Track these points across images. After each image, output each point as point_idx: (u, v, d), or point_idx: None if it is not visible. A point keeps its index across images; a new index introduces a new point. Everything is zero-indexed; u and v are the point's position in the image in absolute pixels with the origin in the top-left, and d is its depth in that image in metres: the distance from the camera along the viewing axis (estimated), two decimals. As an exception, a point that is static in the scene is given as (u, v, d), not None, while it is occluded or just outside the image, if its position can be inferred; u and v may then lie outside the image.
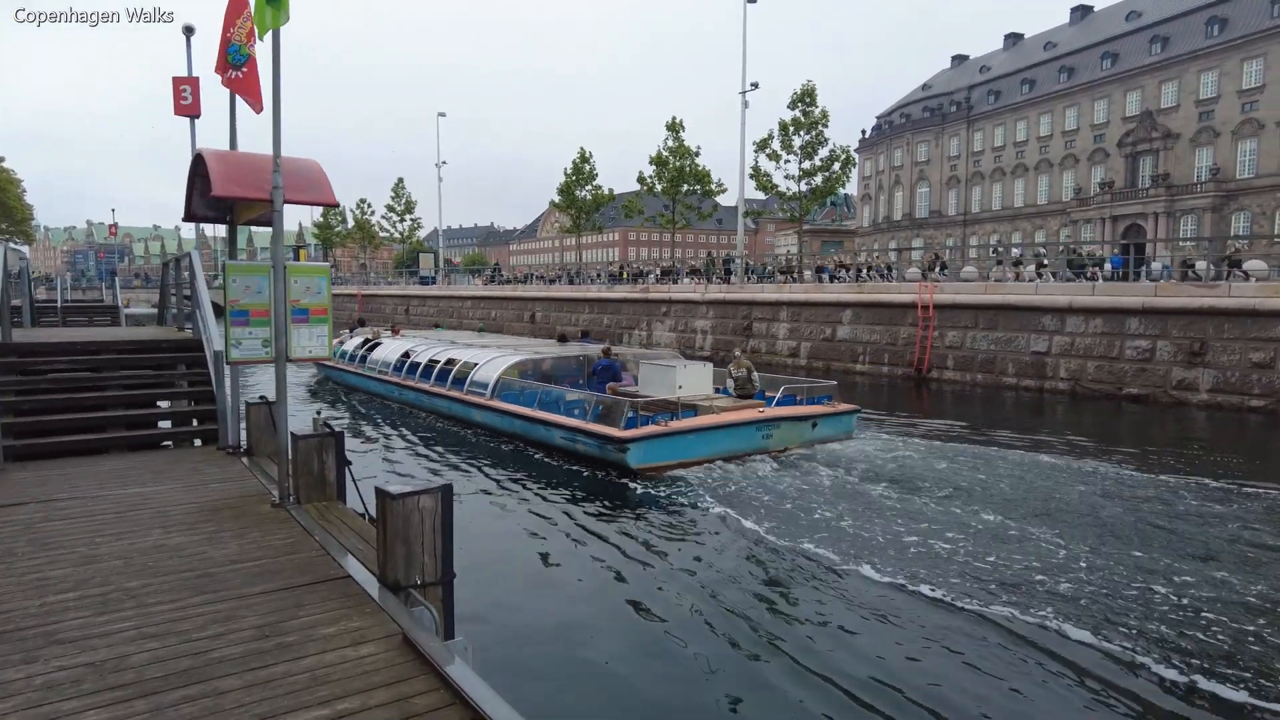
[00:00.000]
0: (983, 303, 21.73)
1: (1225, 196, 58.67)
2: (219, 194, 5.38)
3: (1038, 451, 13.09)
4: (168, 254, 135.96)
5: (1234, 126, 58.26)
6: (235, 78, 6.74)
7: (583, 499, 10.17)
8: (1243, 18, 58.29)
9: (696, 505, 9.66)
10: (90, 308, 22.47)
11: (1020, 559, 7.68)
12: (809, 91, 30.26)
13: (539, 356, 15.49)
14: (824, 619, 6.45)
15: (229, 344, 5.56)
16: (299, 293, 5.77)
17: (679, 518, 9.28)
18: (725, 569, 7.58)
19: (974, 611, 6.47)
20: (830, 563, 7.58)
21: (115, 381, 8.40)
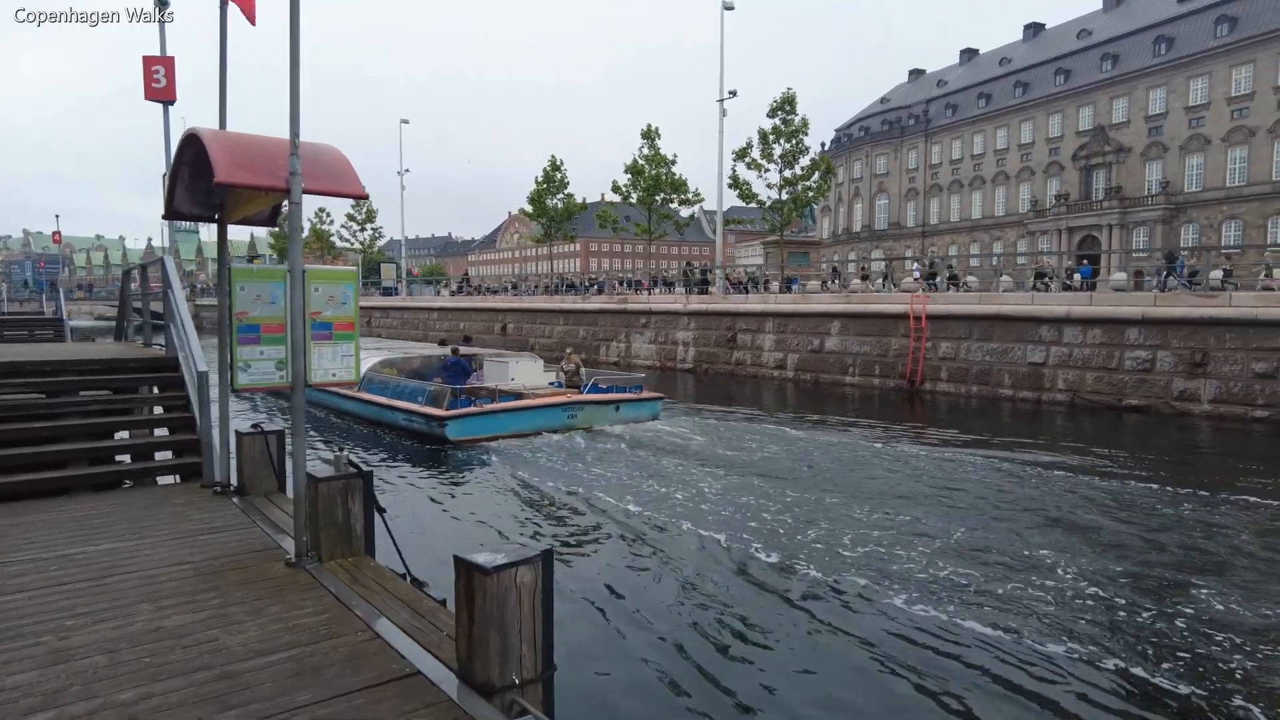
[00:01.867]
0: (977, 313, 21.33)
1: (1175, 209, 60.26)
2: (224, 181, 4.32)
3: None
4: (125, 263, 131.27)
5: (1181, 142, 59.93)
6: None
7: (414, 464, 12.82)
8: (1189, 37, 60.10)
9: (493, 465, 12.45)
10: (30, 320, 20.53)
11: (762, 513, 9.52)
12: (789, 99, 29.80)
13: (407, 356, 18.39)
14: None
15: (235, 367, 4.47)
16: (320, 303, 4.71)
17: (482, 474, 12.06)
18: (503, 507, 10.14)
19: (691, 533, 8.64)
20: (574, 500, 10.25)
21: (75, 408, 7.16)
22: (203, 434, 6.64)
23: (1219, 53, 57.47)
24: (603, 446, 13.67)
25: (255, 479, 6.37)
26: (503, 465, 12.42)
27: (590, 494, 10.54)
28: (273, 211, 6.28)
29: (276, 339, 4.56)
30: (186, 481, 6.87)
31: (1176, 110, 60.07)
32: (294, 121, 4.58)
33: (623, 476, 11.51)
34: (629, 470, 11.97)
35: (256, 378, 4.51)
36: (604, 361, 30.87)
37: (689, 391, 24.65)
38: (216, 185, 4.35)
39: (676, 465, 12.40)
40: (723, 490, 10.79)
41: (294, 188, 4.54)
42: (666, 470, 12.00)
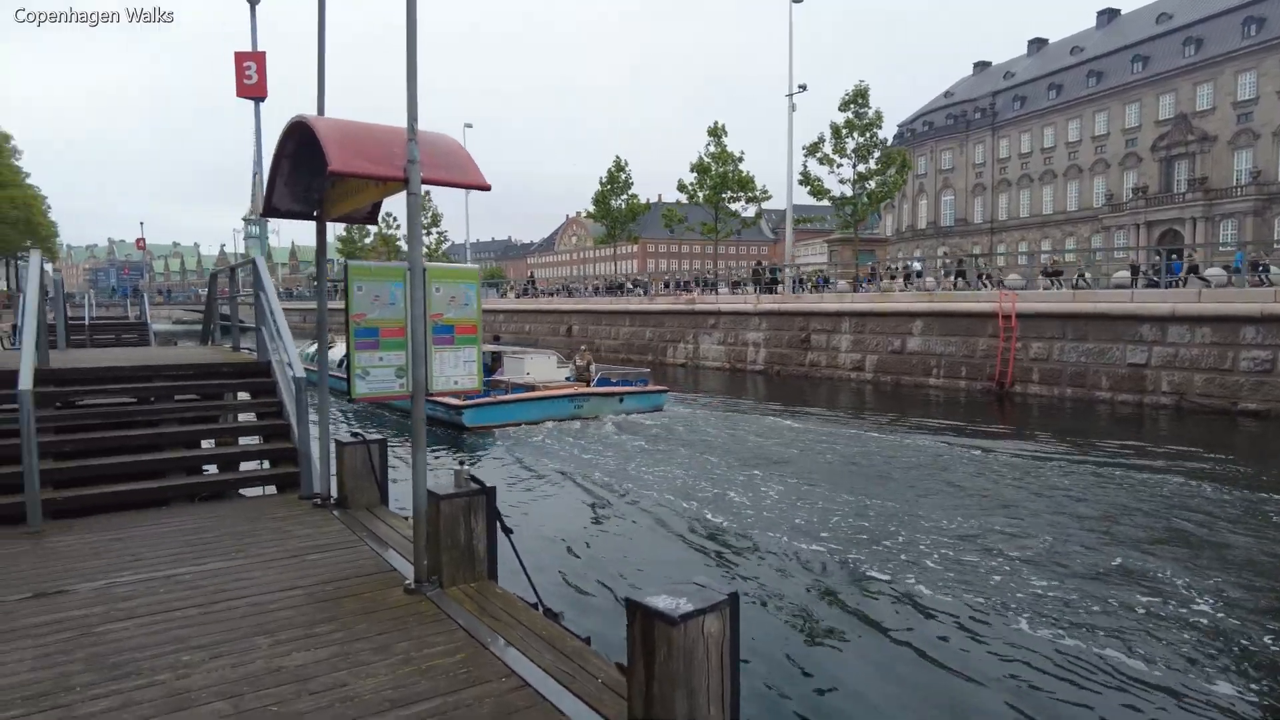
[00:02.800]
0: (1072, 311, 20.15)
1: (1268, 200, 56.94)
2: (338, 170, 3.92)
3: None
4: (200, 269, 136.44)
5: (1275, 128, 56.60)
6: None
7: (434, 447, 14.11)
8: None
9: (504, 447, 14.11)
10: (117, 325, 21.24)
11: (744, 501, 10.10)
12: (862, 92, 28.83)
13: None
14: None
15: (354, 374, 4.06)
16: (441, 304, 4.29)
17: (496, 453, 13.71)
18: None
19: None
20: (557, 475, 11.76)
21: (170, 414, 6.94)
22: (300, 443, 6.32)
23: (1316, 33, 54.20)
24: (594, 430, 15.67)
25: (356, 491, 6.01)
26: (540, 459, 13.20)
27: (648, 490, 10.85)
28: (373, 208, 5.91)
29: (396, 343, 4.15)
30: (283, 492, 6.57)
31: (1269, 95, 56.77)
32: (411, 104, 4.16)
33: (679, 473, 11.95)
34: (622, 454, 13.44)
35: (376, 386, 4.11)
36: (670, 364, 30.38)
37: (760, 393, 23.97)
38: (331, 174, 3.95)
39: (770, 474, 11.93)
40: (807, 496, 10.44)
41: (413, 177, 4.12)
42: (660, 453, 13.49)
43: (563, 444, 14.35)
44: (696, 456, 13.25)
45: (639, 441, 14.64)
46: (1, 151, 43.99)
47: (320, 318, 5.97)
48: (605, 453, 13.62)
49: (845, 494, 10.51)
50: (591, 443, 14.53)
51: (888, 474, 12.07)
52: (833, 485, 11.05)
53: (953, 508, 9.91)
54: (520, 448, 14.07)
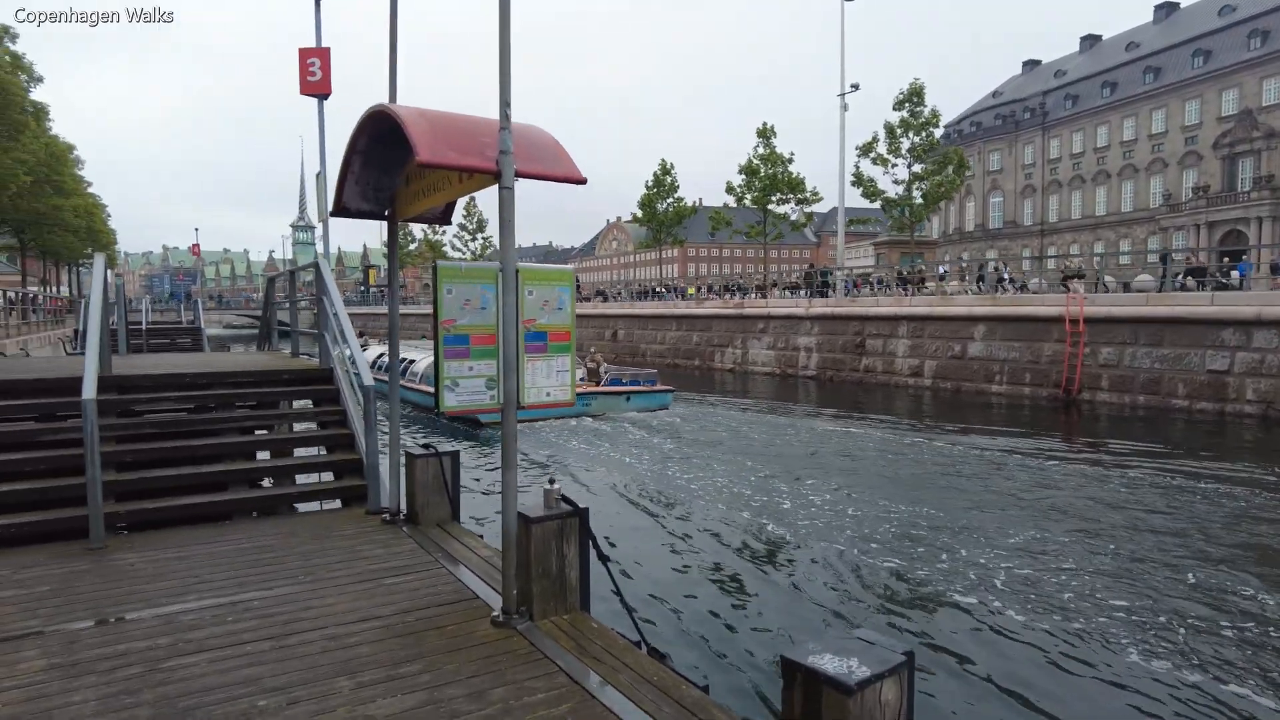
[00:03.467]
0: (1145, 315, 19.19)
1: (1339, 198, 54.51)
2: (427, 160, 3.55)
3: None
4: (250, 276, 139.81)
5: (1348, 123, 54.18)
6: None
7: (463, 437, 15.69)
8: (1354, 7, 54.35)
9: (529, 444, 14.59)
10: (171, 329, 21.61)
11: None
12: (917, 90, 28.01)
13: None
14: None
15: (442, 386, 3.68)
16: (534, 309, 3.89)
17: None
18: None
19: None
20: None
21: (230, 424, 6.67)
22: (368, 454, 5.99)
23: (1391, 23, 51.70)
24: (602, 426, 17.06)
25: (427, 507, 5.66)
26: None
27: (698, 500, 10.88)
28: (446, 207, 5.57)
29: (487, 352, 3.76)
30: (349, 507, 6.24)
31: (1342, 88, 54.38)
32: (504, 89, 3.78)
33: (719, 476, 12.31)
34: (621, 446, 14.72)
35: (465, 398, 3.72)
36: (718, 369, 29.85)
37: (812, 399, 23.33)
38: (420, 165, 3.58)
39: (825, 483, 11.79)
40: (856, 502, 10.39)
41: (505, 169, 3.73)
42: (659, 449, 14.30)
43: (594, 445, 15.05)
44: (738, 461, 13.42)
45: (676, 445, 15.01)
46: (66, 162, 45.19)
47: (392, 322, 5.64)
48: (642, 455, 13.97)
49: (911, 504, 10.26)
50: (631, 445, 15.04)
51: (951, 484, 11.83)
52: (902, 497, 10.80)
53: (1024, 521, 9.56)
54: (544, 448, 14.69)
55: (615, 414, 17.89)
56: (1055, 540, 8.73)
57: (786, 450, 14.59)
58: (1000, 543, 8.59)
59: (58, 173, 38.13)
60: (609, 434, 16.12)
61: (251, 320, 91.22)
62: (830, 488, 11.34)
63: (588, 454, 14.35)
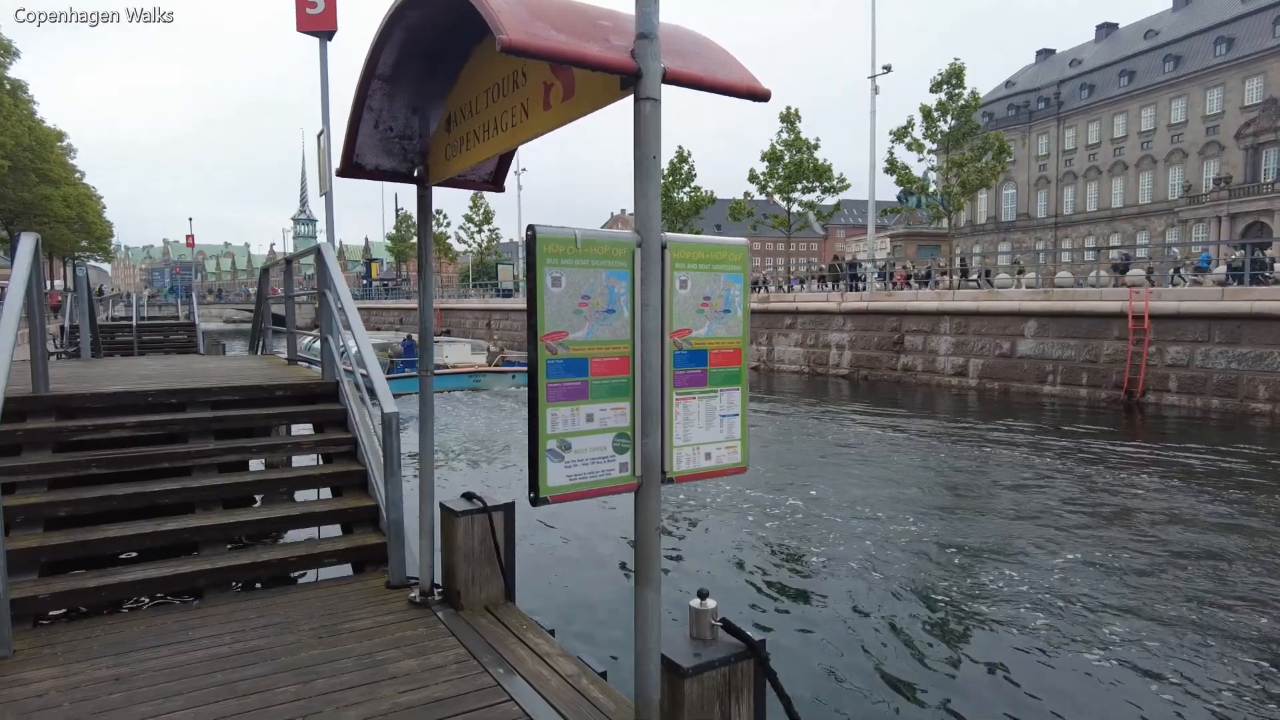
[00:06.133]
0: (1221, 311, 17.60)
1: (1369, 189, 52.95)
2: (516, 42, 1.97)
3: None
4: (250, 269, 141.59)
5: (1378, 111, 52.57)
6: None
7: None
8: (1385, -8, 52.69)
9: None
10: (165, 325, 20.61)
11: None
12: (956, 71, 26.36)
13: (397, 341, 24.61)
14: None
15: (543, 451, 2.08)
16: (688, 310, 2.30)
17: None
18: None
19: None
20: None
21: (209, 458, 5.08)
22: (389, 505, 4.40)
23: None
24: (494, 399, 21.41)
25: (473, 583, 4.08)
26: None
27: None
28: (499, 164, 4.00)
29: (616, 387, 2.17)
30: (363, 575, 4.65)
31: (1370, 76, 52.75)
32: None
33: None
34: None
35: (581, 471, 2.13)
36: (740, 367, 28.30)
37: (844, 399, 21.77)
38: (501, 48, 1.98)
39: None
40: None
41: (646, 65, 2.14)
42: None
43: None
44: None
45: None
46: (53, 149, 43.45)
47: (424, 322, 4.07)
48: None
49: (959, 520, 9.39)
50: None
51: (992, 493, 11.14)
52: (945, 510, 9.89)
53: (1083, 544, 8.56)
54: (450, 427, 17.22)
55: (501, 388, 22.33)
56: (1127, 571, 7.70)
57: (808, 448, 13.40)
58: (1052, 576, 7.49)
59: (44, 159, 36.39)
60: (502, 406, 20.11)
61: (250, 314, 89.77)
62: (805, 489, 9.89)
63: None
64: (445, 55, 3.38)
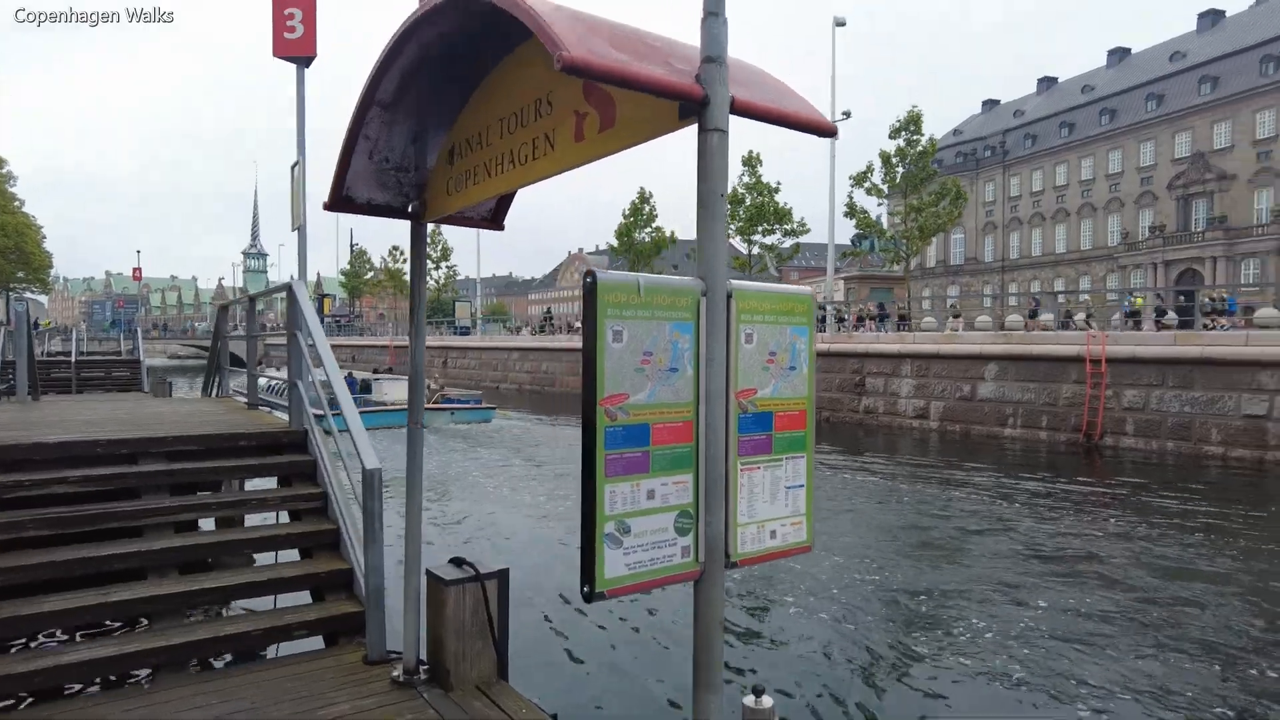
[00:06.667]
0: (1174, 356, 18.04)
1: (1291, 239, 55.72)
2: (575, 59, 1.71)
3: None
4: (197, 303, 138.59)
5: (1297, 166, 55.60)
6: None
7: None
8: (1300, 56, 56.13)
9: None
10: (107, 361, 19.43)
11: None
12: (915, 118, 27.07)
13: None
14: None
15: (600, 535, 1.76)
16: (753, 366, 2.03)
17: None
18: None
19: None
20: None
21: (164, 516, 4.59)
22: (368, 570, 3.99)
23: (1336, 72, 53.46)
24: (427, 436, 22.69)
25: (463, 657, 3.69)
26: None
27: None
28: (499, 203, 3.72)
29: (679, 457, 1.87)
30: (336, 648, 4.19)
31: (1291, 133, 55.86)
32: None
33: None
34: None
35: (641, 559, 1.82)
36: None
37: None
38: (562, 67, 1.72)
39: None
40: None
41: (714, 91, 1.90)
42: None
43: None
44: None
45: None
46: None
47: (414, 365, 3.73)
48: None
49: (905, 559, 9.43)
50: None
51: (954, 536, 11.04)
52: (894, 550, 9.86)
53: (1046, 588, 8.61)
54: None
55: (440, 425, 22.14)
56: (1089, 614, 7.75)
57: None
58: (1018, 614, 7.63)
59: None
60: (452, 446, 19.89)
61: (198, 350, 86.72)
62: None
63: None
64: (454, 81, 3.11)
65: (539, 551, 10.24)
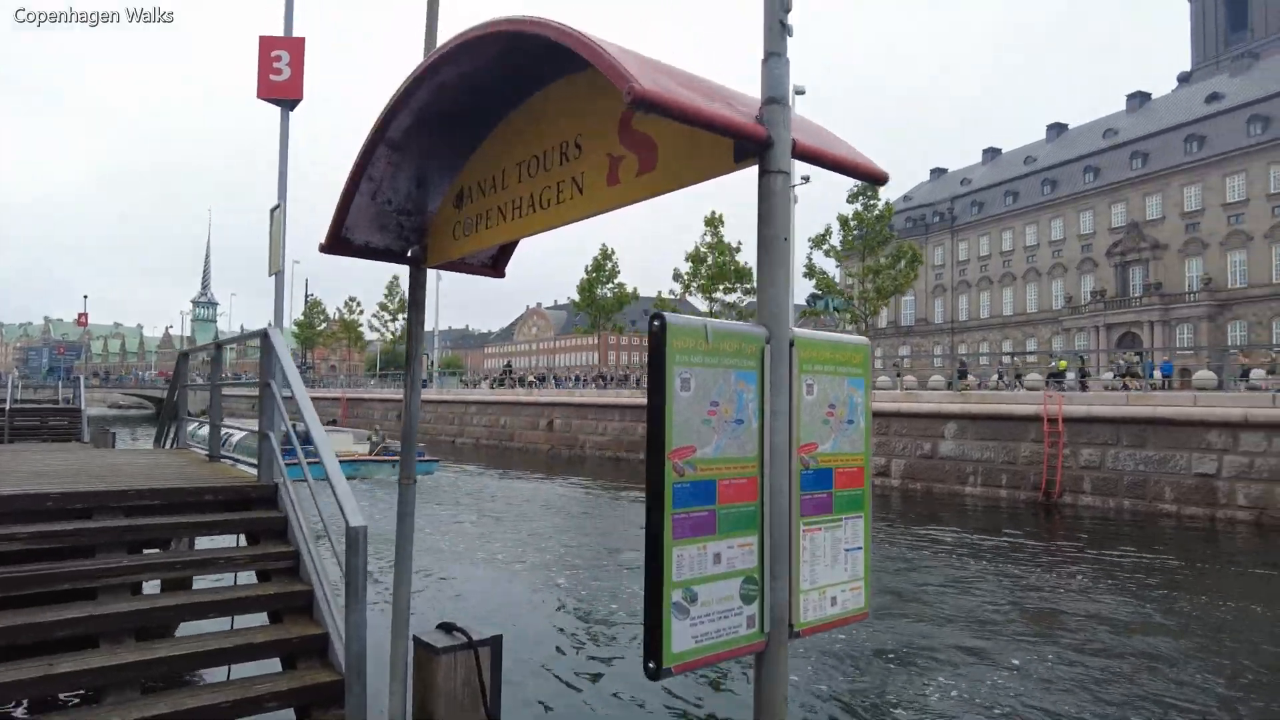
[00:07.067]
0: (1127, 415, 18.53)
1: (1219, 306, 58.52)
2: (647, 92, 1.62)
3: None
4: (142, 352, 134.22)
5: (1221, 238, 58.77)
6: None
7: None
8: (1221, 136, 59.84)
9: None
10: (43, 410, 18.24)
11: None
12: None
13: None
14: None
15: (667, 609, 1.60)
16: (814, 420, 1.91)
17: None
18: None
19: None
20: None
21: (120, 576, 4.23)
22: (350, 637, 3.69)
23: (1254, 151, 57.05)
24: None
25: (457, 737, 3.41)
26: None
27: None
28: (500, 250, 3.60)
29: (744, 518, 1.73)
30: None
31: (1214, 207, 59.16)
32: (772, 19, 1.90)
33: None
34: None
35: (708, 630, 1.65)
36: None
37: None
38: (632, 101, 1.62)
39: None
40: None
41: (777, 132, 1.82)
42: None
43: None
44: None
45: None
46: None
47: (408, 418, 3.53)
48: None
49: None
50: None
51: (917, 593, 10.98)
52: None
53: (1008, 644, 8.71)
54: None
55: (381, 477, 21.94)
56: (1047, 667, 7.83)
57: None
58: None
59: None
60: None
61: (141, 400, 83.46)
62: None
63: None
64: (468, 123, 3.01)
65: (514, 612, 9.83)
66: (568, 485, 23.31)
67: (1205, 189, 60.16)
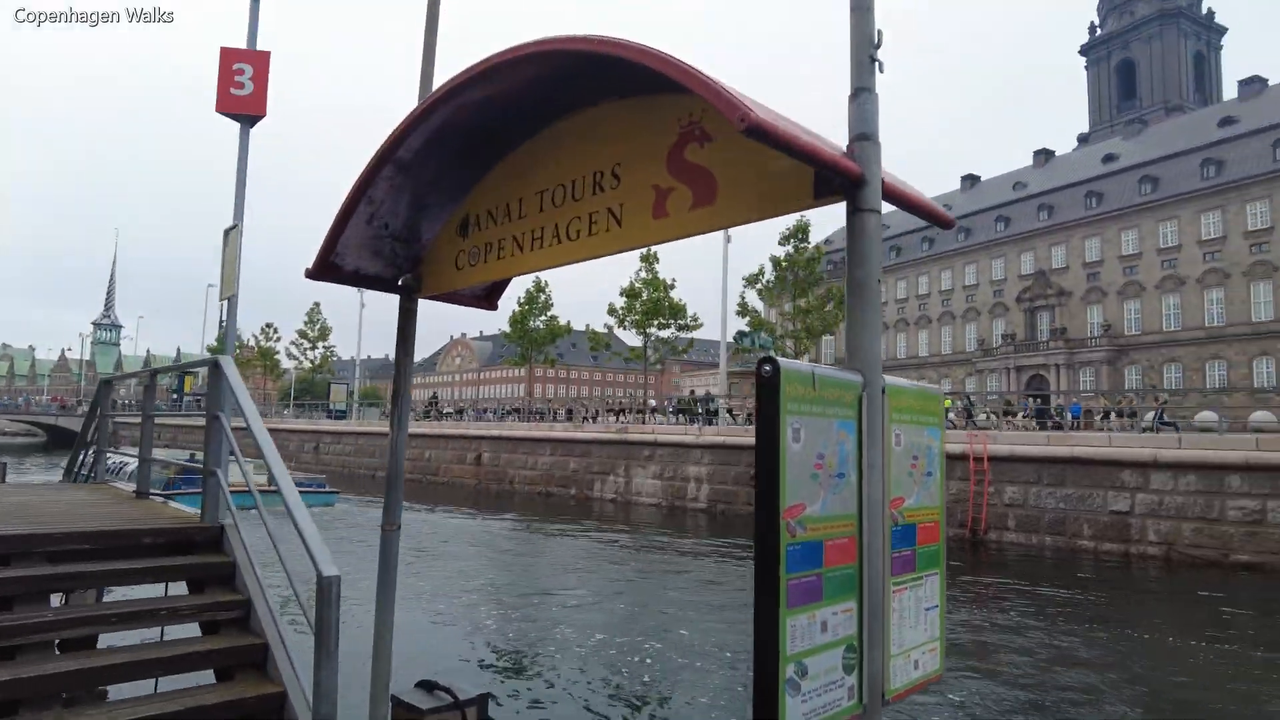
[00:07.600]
0: (1048, 455, 19.28)
1: (1118, 351, 62.23)
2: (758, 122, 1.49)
3: None
4: (32, 375, 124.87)
5: (1119, 287, 62.69)
6: None
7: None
8: (1116, 193, 64.22)
9: None
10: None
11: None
12: (802, 228, 28.69)
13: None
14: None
15: (782, 686, 1.44)
16: (903, 468, 1.80)
17: None
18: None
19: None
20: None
21: (46, 633, 3.76)
22: (318, 696, 3.35)
23: (1144, 209, 61.38)
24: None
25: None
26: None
27: None
28: (494, 283, 3.41)
29: (846, 581, 1.59)
30: (269, 795, 3.48)
31: (1111, 259, 63.15)
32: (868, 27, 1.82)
33: None
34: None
35: (815, 706, 1.49)
36: (598, 498, 27.49)
37: (702, 532, 21.52)
38: (745, 128, 1.50)
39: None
40: None
41: (870, 169, 1.73)
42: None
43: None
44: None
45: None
46: None
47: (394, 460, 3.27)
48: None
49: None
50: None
51: None
52: None
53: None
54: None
55: (275, 508, 24.03)
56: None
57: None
58: None
59: None
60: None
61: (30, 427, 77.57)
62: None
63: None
64: (484, 146, 2.83)
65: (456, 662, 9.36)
66: (500, 520, 22.74)
67: (1104, 241, 64.19)
